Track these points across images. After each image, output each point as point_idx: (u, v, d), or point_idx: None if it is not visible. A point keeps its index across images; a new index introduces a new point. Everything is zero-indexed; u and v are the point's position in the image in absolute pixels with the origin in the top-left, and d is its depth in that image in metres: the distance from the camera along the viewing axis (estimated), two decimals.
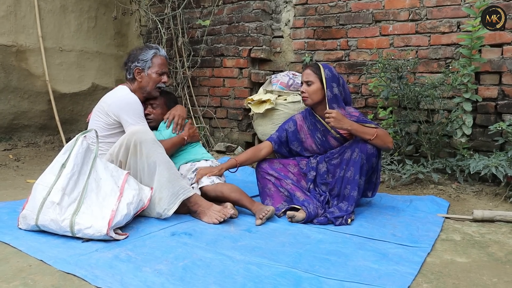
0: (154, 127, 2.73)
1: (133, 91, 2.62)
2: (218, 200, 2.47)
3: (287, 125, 2.74)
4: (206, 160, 2.73)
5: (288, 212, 2.37)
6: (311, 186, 2.59)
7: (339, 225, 2.32)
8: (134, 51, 2.71)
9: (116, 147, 2.38)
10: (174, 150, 2.67)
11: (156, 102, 2.71)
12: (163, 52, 2.71)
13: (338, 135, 2.58)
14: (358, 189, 2.41)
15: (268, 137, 2.78)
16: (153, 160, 2.29)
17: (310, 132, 2.68)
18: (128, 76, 2.67)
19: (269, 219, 2.34)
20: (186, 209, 2.37)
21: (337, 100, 2.58)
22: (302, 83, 2.63)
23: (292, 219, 2.34)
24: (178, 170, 2.64)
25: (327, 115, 2.43)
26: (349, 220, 2.36)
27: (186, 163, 2.70)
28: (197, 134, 2.82)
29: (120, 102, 2.51)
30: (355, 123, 2.42)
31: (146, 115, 2.67)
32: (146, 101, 2.71)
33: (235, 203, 2.46)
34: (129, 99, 2.54)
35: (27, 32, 4.12)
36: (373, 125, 2.46)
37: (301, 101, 3.36)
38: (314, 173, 2.60)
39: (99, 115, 2.56)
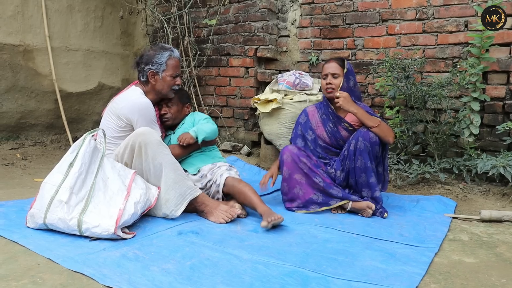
0: (171, 126, 2.74)
1: (146, 92, 2.59)
2: (232, 193, 2.49)
3: (300, 118, 2.84)
4: (224, 162, 2.73)
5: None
6: None
7: (375, 212, 2.48)
8: (147, 51, 2.62)
9: (121, 148, 2.37)
10: (187, 153, 2.67)
11: (171, 100, 2.69)
12: (177, 53, 2.64)
13: (351, 128, 2.63)
14: (375, 175, 2.49)
15: (291, 140, 2.85)
16: (158, 161, 2.29)
17: (322, 121, 2.74)
18: (141, 79, 2.60)
19: (275, 226, 2.23)
20: (193, 207, 2.37)
21: (351, 92, 2.63)
22: (326, 75, 2.66)
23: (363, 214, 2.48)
24: (199, 171, 2.64)
25: (337, 94, 2.52)
26: (385, 214, 2.47)
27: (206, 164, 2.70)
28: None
29: (132, 106, 2.47)
30: (361, 109, 2.51)
31: (162, 114, 2.68)
32: (160, 101, 2.68)
33: (246, 203, 2.43)
34: (142, 103, 2.48)
35: (34, 32, 4.14)
36: (378, 118, 2.52)
37: (308, 100, 3.39)
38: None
39: (111, 116, 2.53)
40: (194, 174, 2.63)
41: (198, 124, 2.69)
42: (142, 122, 2.44)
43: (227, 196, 2.56)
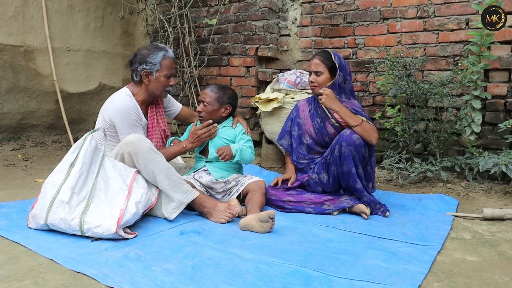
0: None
1: (138, 93, 2.57)
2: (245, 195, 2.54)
3: (291, 114, 2.85)
4: (245, 175, 2.73)
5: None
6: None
7: (376, 212, 2.47)
8: (141, 51, 2.58)
9: (113, 155, 2.37)
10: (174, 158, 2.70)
11: (207, 99, 2.65)
12: (171, 53, 2.60)
13: (338, 124, 2.61)
14: (360, 179, 2.46)
15: (284, 148, 2.84)
16: (151, 169, 2.27)
17: (311, 115, 2.72)
18: (135, 78, 2.57)
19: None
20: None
21: (338, 89, 2.60)
22: (310, 72, 2.65)
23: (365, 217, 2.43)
24: (227, 179, 2.63)
25: (320, 91, 2.51)
26: (387, 213, 2.45)
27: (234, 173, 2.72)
28: (202, 139, 2.65)
29: (114, 109, 2.47)
30: (344, 107, 2.49)
31: (198, 112, 2.69)
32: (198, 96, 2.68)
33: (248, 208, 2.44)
34: (122, 106, 2.46)
35: (35, 32, 4.14)
36: (364, 118, 2.49)
37: None
38: (321, 188, 2.61)
39: (100, 118, 2.55)
40: (216, 179, 2.63)
41: (240, 143, 2.64)
42: (122, 125, 2.44)
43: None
